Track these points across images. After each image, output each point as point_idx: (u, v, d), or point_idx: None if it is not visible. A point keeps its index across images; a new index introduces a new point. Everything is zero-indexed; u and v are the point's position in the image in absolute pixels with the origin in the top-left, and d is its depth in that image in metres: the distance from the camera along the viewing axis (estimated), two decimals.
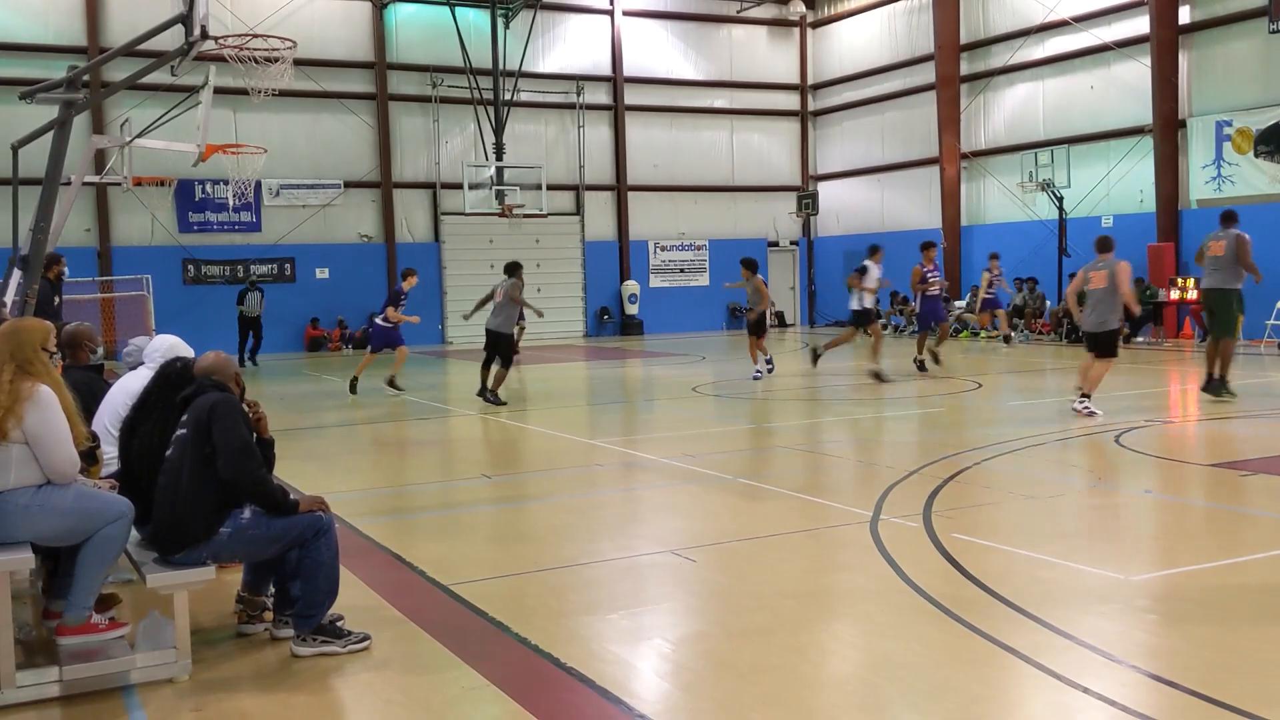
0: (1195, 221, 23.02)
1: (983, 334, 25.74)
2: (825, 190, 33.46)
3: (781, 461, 10.36)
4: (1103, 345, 11.89)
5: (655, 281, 32.12)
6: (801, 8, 32.65)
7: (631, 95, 31.54)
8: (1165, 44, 23.24)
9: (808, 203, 32.91)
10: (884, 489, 8.26)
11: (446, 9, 28.34)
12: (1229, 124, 22.44)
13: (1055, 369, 18.09)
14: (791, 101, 34.01)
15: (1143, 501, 8.03)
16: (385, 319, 16.39)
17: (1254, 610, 5.33)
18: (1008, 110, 27.66)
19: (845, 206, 32.88)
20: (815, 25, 33.73)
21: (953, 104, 28.54)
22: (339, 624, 5.17)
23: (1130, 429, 10.90)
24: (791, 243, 34.19)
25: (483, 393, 14.63)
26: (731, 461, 10.04)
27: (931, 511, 7.45)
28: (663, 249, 32.28)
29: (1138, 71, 23.92)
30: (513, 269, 15.38)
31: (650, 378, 19.65)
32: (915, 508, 7.57)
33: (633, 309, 31.23)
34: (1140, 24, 23.69)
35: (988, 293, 22.76)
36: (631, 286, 31.30)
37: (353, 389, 16.48)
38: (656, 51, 32.00)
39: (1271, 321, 20.49)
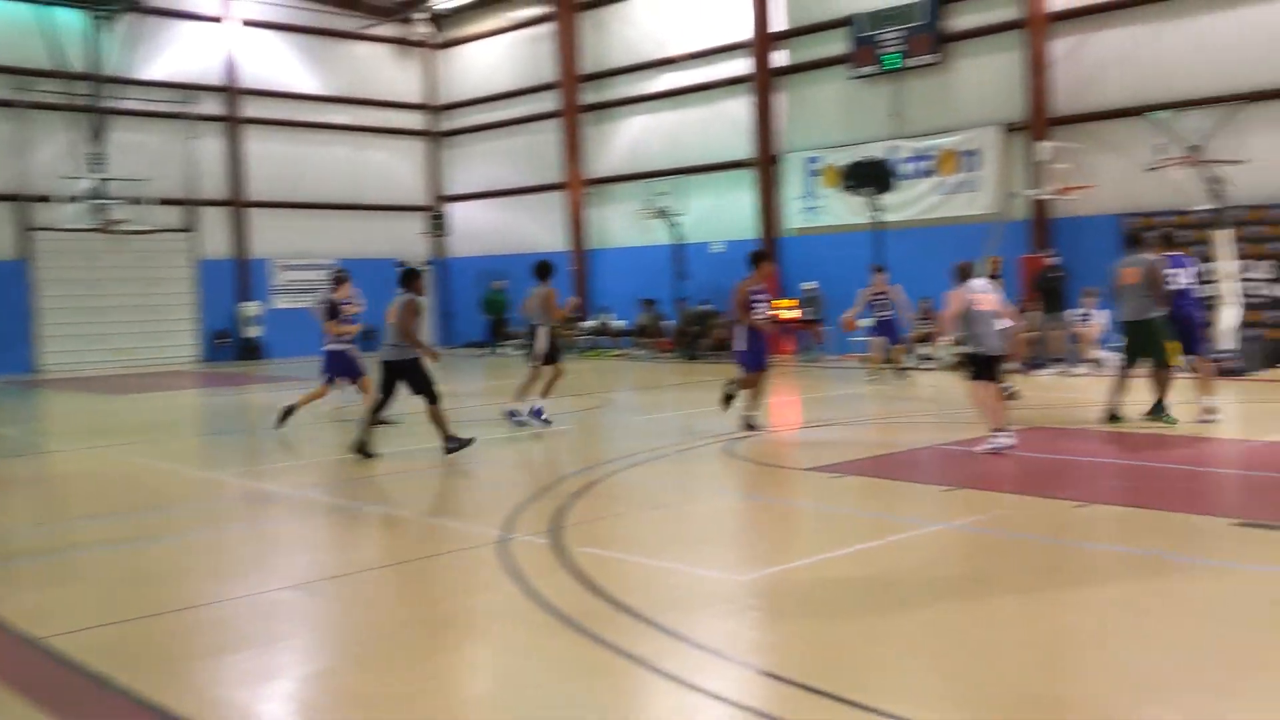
0: (792, 248, 25.22)
1: (612, 353, 26.77)
2: (456, 211, 33.55)
3: (415, 486, 10.25)
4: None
5: (278, 302, 30.81)
6: (426, 29, 32.62)
7: (251, 108, 30.14)
8: (763, 84, 25.31)
9: (439, 224, 32.85)
10: (515, 508, 8.38)
11: (33, 7, 25.81)
12: (818, 160, 24.77)
13: (679, 384, 19.12)
14: (419, 121, 33.86)
15: (749, 505, 8.67)
16: (335, 340, 13.97)
17: (847, 602, 5.90)
18: (627, 139, 29.00)
19: (476, 227, 33.12)
20: (441, 47, 33.80)
21: (576, 132, 29.55)
22: None
23: (740, 438, 11.72)
24: (424, 264, 33.97)
25: (361, 445, 11.22)
26: (362, 489, 9.82)
27: (561, 527, 7.65)
28: (287, 268, 31.03)
29: (741, 108, 25.86)
30: (408, 279, 11.58)
31: (273, 404, 18.77)
32: (545, 525, 7.74)
33: (253, 331, 29.76)
34: (743, 65, 25.65)
35: (882, 315, 17.52)
36: (251, 308, 29.83)
37: (283, 418, 13.84)
38: (277, 64, 30.81)
39: (859, 338, 22.73)
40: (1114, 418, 11.77)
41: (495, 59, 32.17)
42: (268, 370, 25.72)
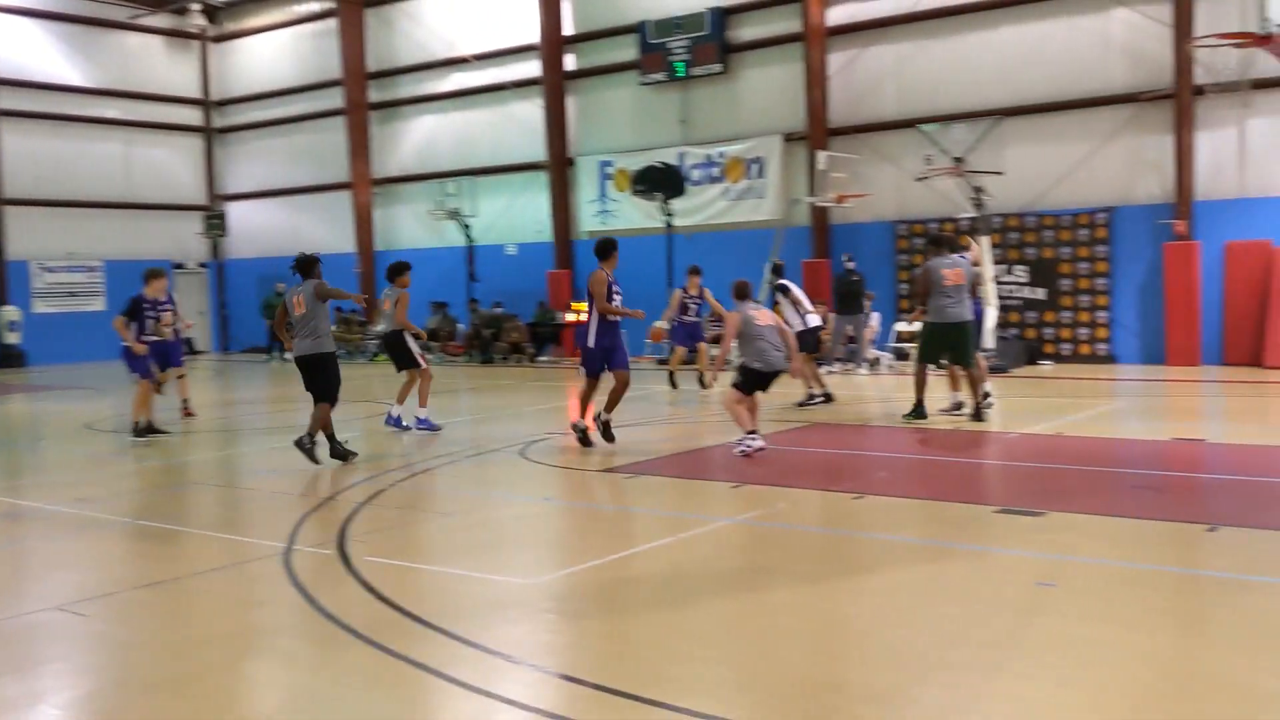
0: (586, 251, 25.39)
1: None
2: (235, 211, 32.22)
3: (190, 499, 9.76)
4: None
5: (40, 306, 28.80)
6: (202, 20, 31.17)
7: (6, 99, 28.08)
8: (554, 88, 25.39)
9: (216, 223, 31.46)
10: (298, 519, 8.10)
11: None
12: (611, 164, 25.05)
13: (468, 389, 18.93)
14: (194, 117, 32.35)
15: (545, 508, 8.67)
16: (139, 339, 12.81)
17: (640, 599, 5.97)
18: (416, 139, 28.54)
19: (257, 228, 31.89)
20: (218, 40, 32.39)
21: (362, 130, 28.87)
22: None
23: (533, 441, 11.71)
24: (200, 264, 32.47)
25: (335, 450, 10.62)
26: (133, 503, 9.28)
27: (347, 538, 7.44)
28: (49, 270, 29.05)
29: (532, 111, 25.86)
30: (306, 266, 10.81)
31: (34, 415, 17.57)
32: (330, 535, 7.52)
33: (12, 337, 27.70)
34: (532, 67, 25.66)
35: (684, 319, 17.11)
36: (10, 312, 27.76)
37: (141, 431, 12.80)
38: (35, 53, 28.81)
39: (650, 341, 23.08)
40: (919, 414, 12.19)
41: (276, 54, 31.08)
42: (28, 379, 23.98)
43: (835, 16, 21.84)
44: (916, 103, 20.98)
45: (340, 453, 10.60)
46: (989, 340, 17.54)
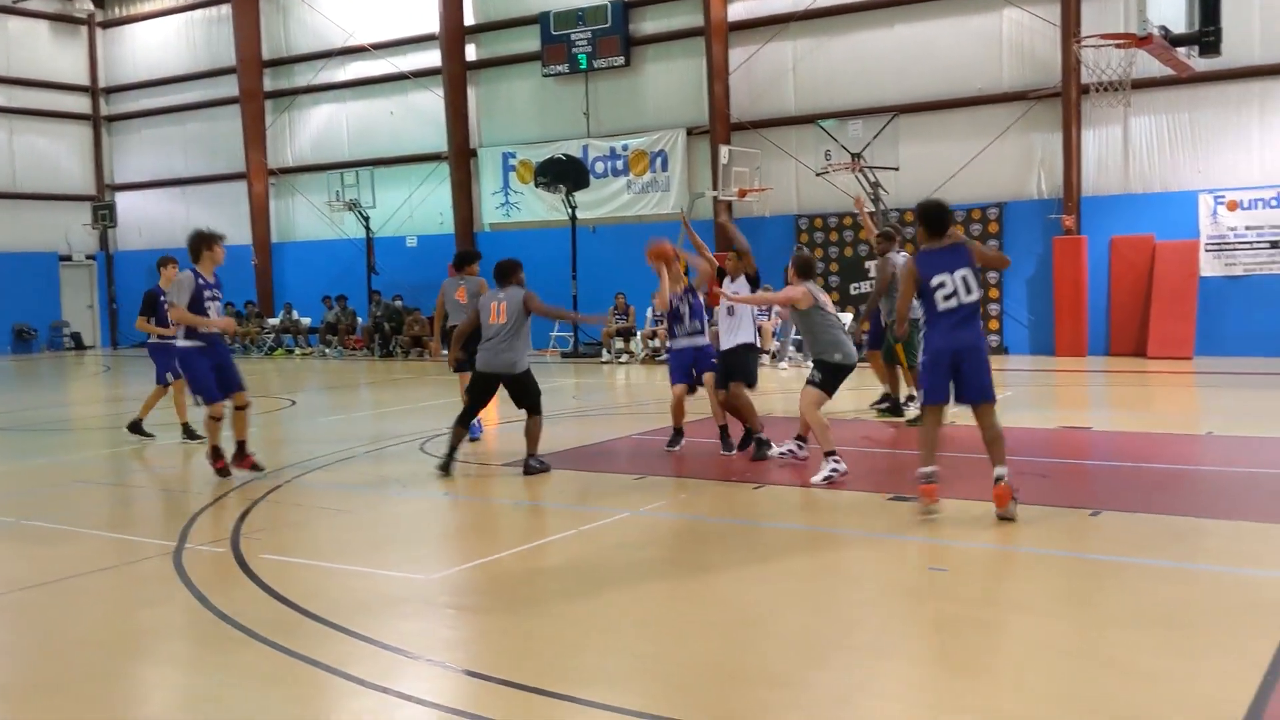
0: (489, 243, 25.18)
1: (298, 351, 25.79)
2: (124, 201, 31.22)
3: (76, 498, 9.44)
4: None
5: None
6: (89, 5, 30.13)
7: None
8: (455, 78, 25.13)
9: (104, 214, 30.47)
10: (190, 516, 7.91)
11: None
12: (514, 156, 24.90)
13: (368, 383, 18.67)
14: (82, 105, 31.28)
15: (445, 503, 8.60)
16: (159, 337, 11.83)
17: (542, 592, 5.96)
18: (314, 129, 28.00)
19: (148, 219, 30.97)
20: (106, 25, 31.36)
21: (258, 119, 28.21)
22: None
23: (434, 436, 11.59)
24: (88, 257, 31.42)
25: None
26: (13, 503, 8.96)
27: (241, 535, 7.29)
28: None
29: (433, 101, 25.57)
30: (507, 271, 9.48)
31: None
32: (223, 533, 7.36)
33: None
34: (433, 57, 25.36)
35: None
36: None
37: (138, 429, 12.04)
38: None
39: (554, 334, 23.07)
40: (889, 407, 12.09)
41: (168, 40, 30.22)
42: None
43: (736, 12, 22.01)
44: (816, 99, 21.27)
45: (537, 467, 9.31)
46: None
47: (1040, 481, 8.30)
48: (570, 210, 22.15)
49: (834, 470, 8.46)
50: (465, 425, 9.47)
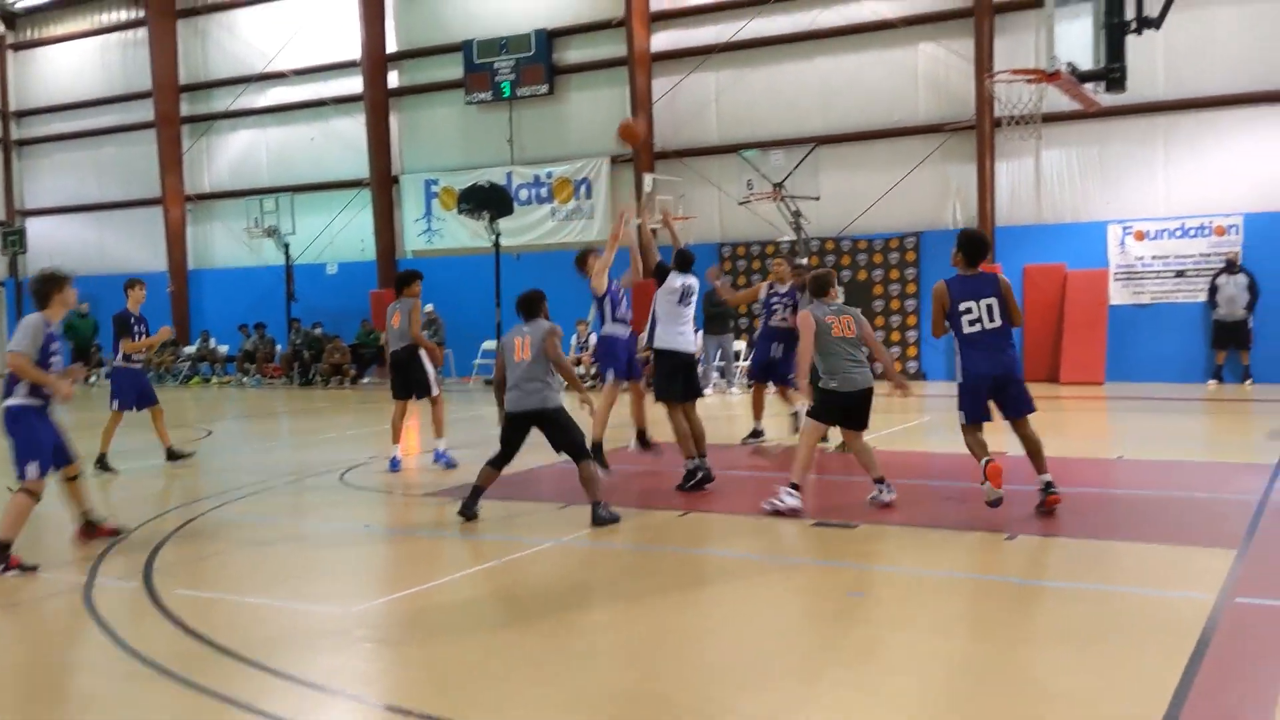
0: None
1: (214, 380, 25.30)
2: (36, 227, 30.40)
3: None
4: None
5: None
6: (0, 27, 29.41)
7: None
8: (377, 104, 24.98)
9: (14, 240, 29.62)
10: (102, 551, 7.69)
11: None
12: (436, 182, 24.79)
13: (287, 412, 18.37)
14: None
15: (364, 535, 8.47)
16: (126, 358, 11.70)
17: (463, 623, 5.89)
18: (232, 155, 27.60)
19: (60, 245, 30.12)
20: (17, 48, 30.61)
21: (174, 144, 27.72)
22: None
23: (354, 466, 11.44)
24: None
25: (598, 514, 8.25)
26: None
27: (154, 569, 7.10)
28: None
29: (355, 127, 25.36)
30: (531, 305, 8.64)
31: None
32: (136, 567, 7.16)
33: None
34: (355, 83, 25.17)
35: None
36: None
37: (104, 464, 11.54)
38: None
39: (478, 361, 22.94)
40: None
41: (82, 63, 29.57)
42: None
43: (659, 43, 22.22)
44: (738, 129, 21.53)
45: (605, 517, 8.20)
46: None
47: (957, 506, 8.44)
48: (494, 237, 22.09)
49: (783, 502, 8.19)
50: (498, 467, 8.56)
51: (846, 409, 8.54)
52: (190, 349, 26.38)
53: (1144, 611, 5.76)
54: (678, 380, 9.62)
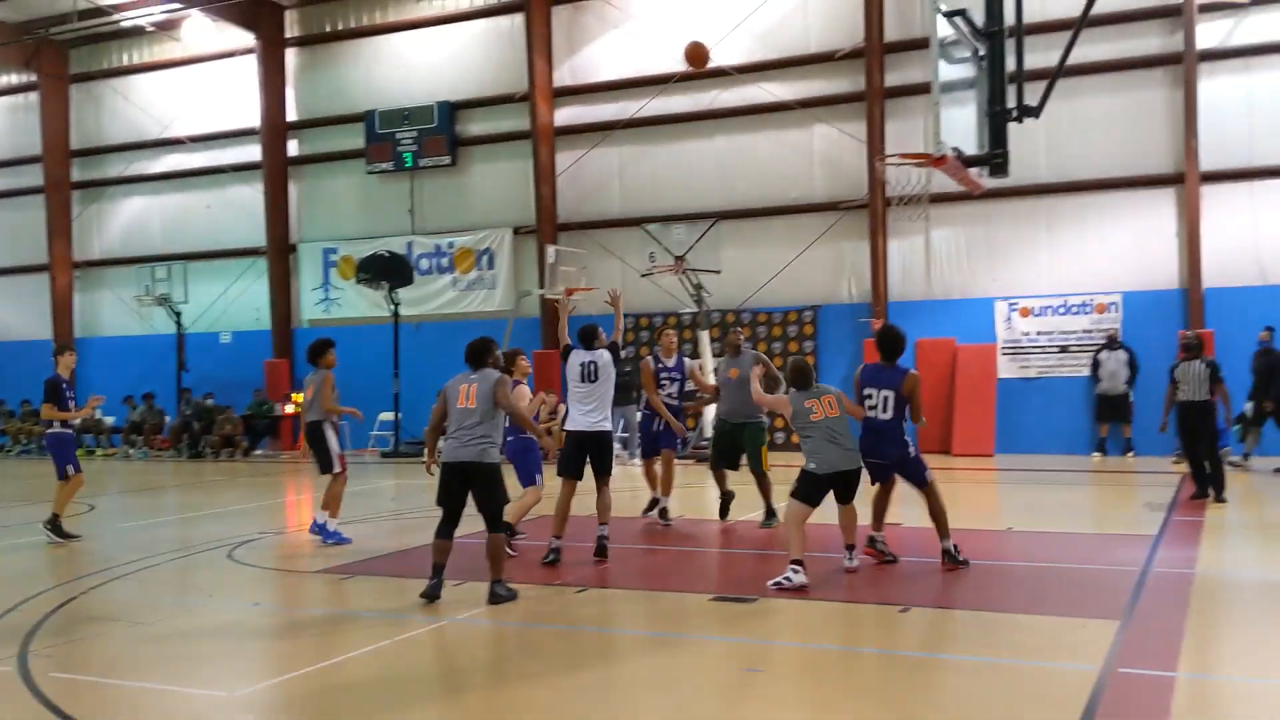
0: (307, 339, 24.56)
1: (99, 452, 24.45)
2: None
3: None
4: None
5: None
6: None
7: None
8: (276, 173, 24.74)
9: None
10: None
11: None
12: (335, 251, 24.55)
13: (175, 486, 17.81)
14: None
15: (252, 614, 8.22)
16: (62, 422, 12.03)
17: (352, 706, 5.73)
18: (125, 221, 27.00)
19: None
20: None
21: (64, 210, 27.03)
22: None
23: (244, 542, 11.12)
24: None
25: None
26: None
27: (29, 652, 6.78)
28: None
29: (252, 195, 25.05)
30: (478, 353, 8.42)
31: None
32: (10, 650, 6.83)
33: None
34: (253, 151, 24.91)
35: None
36: None
37: (58, 530, 11.46)
38: None
39: (374, 432, 22.59)
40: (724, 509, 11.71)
41: None
42: None
43: (562, 117, 22.48)
44: (640, 202, 21.83)
45: (504, 595, 8.04)
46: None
47: (850, 579, 8.53)
48: (393, 307, 21.92)
49: (789, 580, 8.07)
50: (448, 535, 8.15)
51: (826, 490, 8.62)
52: (77, 420, 25.45)
53: (1032, 682, 5.87)
54: (573, 458, 9.62)
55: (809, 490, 8.55)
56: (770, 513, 11.22)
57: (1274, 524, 11.28)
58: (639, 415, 16.14)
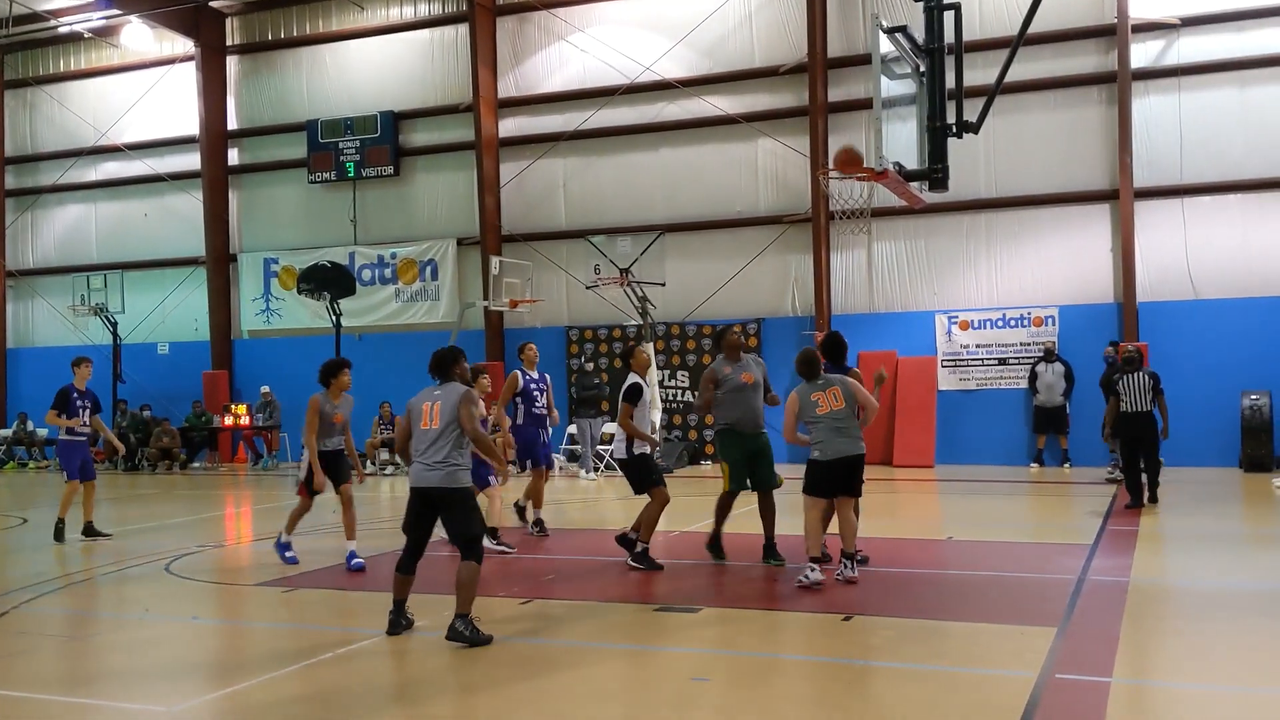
0: (247, 351, 24.40)
1: (31, 465, 23.90)
2: None
3: None
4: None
5: None
6: None
7: None
8: (216, 182, 24.43)
9: None
10: None
11: None
12: (276, 261, 24.27)
13: (110, 499, 17.45)
14: None
15: (190, 628, 8.08)
16: (69, 430, 12.53)
17: (292, 716, 5.67)
18: (60, 229, 26.50)
19: None
20: None
21: None
22: None
23: (182, 555, 10.94)
24: None
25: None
26: None
27: None
28: None
29: (191, 204, 24.69)
30: (444, 364, 7.66)
31: None
32: None
33: None
34: (193, 160, 24.58)
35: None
36: None
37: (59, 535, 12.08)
38: None
39: None
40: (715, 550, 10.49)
41: None
42: None
43: (507, 128, 22.45)
44: (586, 215, 21.84)
45: (464, 635, 7.15)
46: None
47: (795, 588, 8.58)
48: (335, 318, 21.71)
49: (807, 578, 8.42)
50: (410, 570, 7.53)
51: (833, 478, 8.72)
52: (6, 432, 24.90)
53: (972, 689, 5.95)
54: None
55: (816, 480, 8.77)
56: (774, 550, 9.83)
57: (1206, 533, 11.54)
58: (575, 427, 16.39)
